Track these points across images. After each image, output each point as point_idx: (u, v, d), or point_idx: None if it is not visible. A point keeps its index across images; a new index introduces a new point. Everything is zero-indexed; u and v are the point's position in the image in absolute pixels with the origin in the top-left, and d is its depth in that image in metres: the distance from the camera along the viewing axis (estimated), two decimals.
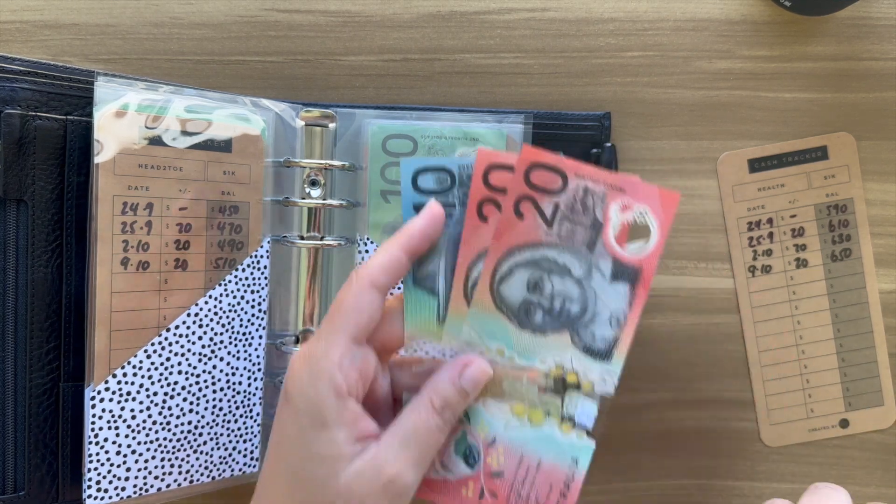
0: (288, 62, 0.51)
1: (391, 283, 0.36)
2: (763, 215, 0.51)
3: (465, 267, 0.37)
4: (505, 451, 0.38)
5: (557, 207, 0.36)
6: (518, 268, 0.37)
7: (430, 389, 0.36)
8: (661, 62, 0.51)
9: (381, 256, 0.35)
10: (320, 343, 0.35)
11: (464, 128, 0.48)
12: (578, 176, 0.36)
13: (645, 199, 0.36)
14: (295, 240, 0.47)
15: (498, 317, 0.37)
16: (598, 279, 0.36)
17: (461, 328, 0.37)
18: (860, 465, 0.52)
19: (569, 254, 0.36)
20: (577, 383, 0.37)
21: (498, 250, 0.36)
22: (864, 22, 0.50)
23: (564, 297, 0.37)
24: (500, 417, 0.38)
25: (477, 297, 0.37)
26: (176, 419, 0.45)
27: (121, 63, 0.50)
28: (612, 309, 0.36)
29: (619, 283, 0.36)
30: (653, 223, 0.36)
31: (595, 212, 0.36)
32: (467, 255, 0.37)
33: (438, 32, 0.51)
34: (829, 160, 0.51)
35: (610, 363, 0.37)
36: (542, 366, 0.37)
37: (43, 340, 0.43)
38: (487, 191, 0.36)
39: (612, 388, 0.37)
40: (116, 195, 0.42)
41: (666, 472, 0.52)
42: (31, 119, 0.42)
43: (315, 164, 0.47)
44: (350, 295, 0.35)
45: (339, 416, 0.34)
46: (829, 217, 0.51)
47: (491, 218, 0.36)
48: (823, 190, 0.51)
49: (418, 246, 0.36)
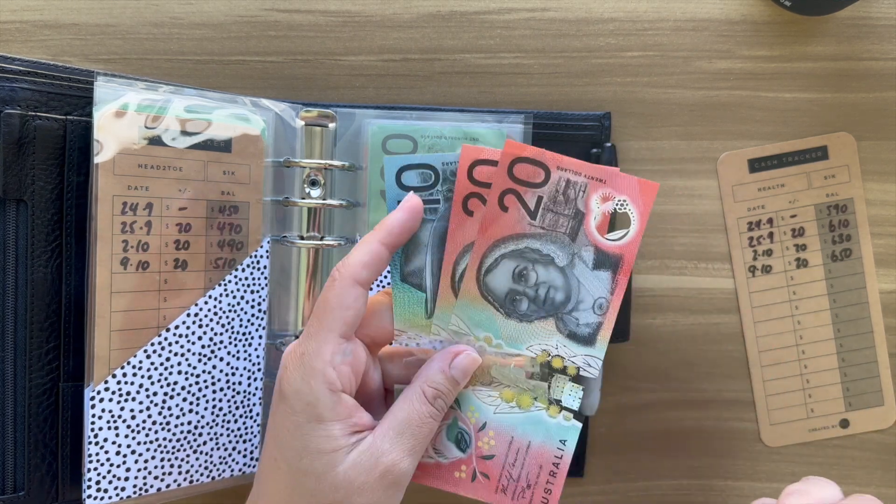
0: (288, 62, 0.51)
1: (373, 278, 0.36)
2: (763, 215, 0.51)
3: (452, 260, 0.38)
4: (495, 434, 0.39)
5: (541, 199, 0.37)
6: (503, 259, 0.38)
7: (422, 380, 0.37)
8: (662, 62, 0.51)
9: (361, 252, 0.36)
10: (311, 342, 0.36)
11: (464, 128, 0.48)
12: (560, 168, 0.37)
13: (625, 190, 0.37)
14: (295, 240, 0.47)
15: (485, 306, 0.38)
16: (581, 267, 0.38)
17: (449, 319, 0.38)
18: (860, 465, 0.52)
19: (552, 244, 0.38)
20: (562, 368, 0.38)
21: (484, 243, 0.37)
22: (864, 22, 0.50)
23: (549, 285, 0.38)
24: (489, 403, 0.39)
25: (464, 288, 0.38)
26: (176, 419, 0.45)
27: (121, 63, 0.50)
28: (594, 296, 0.38)
29: (602, 270, 0.38)
30: (633, 212, 0.37)
31: (577, 202, 0.37)
32: (454, 249, 0.38)
33: (438, 32, 0.51)
34: (829, 160, 0.51)
35: (594, 348, 0.38)
36: (528, 352, 0.38)
37: (43, 340, 0.43)
38: (472, 186, 0.37)
39: (596, 372, 0.38)
40: (116, 195, 0.42)
41: (666, 472, 0.52)
42: (30, 119, 0.42)
43: (315, 164, 0.47)
44: (334, 293, 0.36)
45: (334, 411, 0.35)
46: (830, 217, 0.51)
47: (476, 212, 0.37)
48: (823, 190, 0.51)
49: (398, 238, 0.37)
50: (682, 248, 0.52)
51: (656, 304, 0.52)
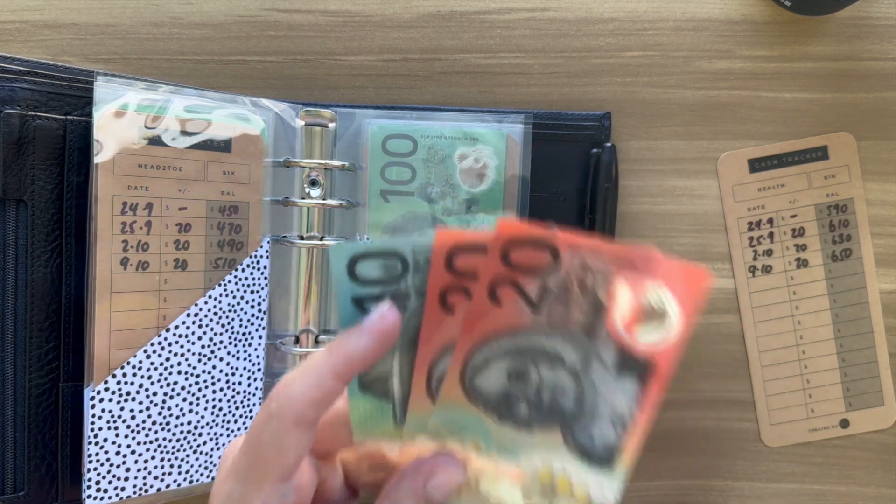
0: (288, 62, 0.51)
1: (320, 416, 0.29)
2: (763, 215, 0.51)
3: (427, 365, 0.30)
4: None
5: (546, 289, 0.29)
6: (496, 358, 0.30)
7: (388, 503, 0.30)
8: (662, 62, 0.51)
9: (308, 383, 0.28)
10: (238, 486, 0.29)
11: (464, 128, 0.48)
12: (574, 250, 0.28)
13: (664, 277, 0.28)
14: (295, 240, 0.47)
15: (471, 410, 0.30)
16: (600, 370, 0.29)
17: (425, 424, 0.31)
18: (860, 465, 0.52)
19: (561, 339, 0.29)
20: (569, 491, 0.31)
21: (468, 341, 0.29)
22: (864, 22, 0.50)
23: (554, 388, 0.30)
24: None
25: (444, 393, 0.30)
26: (175, 419, 0.45)
27: (121, 63, 0.50)
28: (615, 407, 0.30)
29: (626, 376, 0.29)
30: (673, 307, 0.28)
31: (596, 292, 0.29)
32: (429, 352, 0.30)
33: (438, 32, 0.51)
34: (829, 160, 0.51)
35: (611, 471, 0.30)
36: (526, 466, 0.31)
37: (42, 340, 0.43)
38: (452, 277, 0.28)
39: (612, 502, 0.30)
40: (116, 195, 0.42)
41: (666, 472, 0.52)
42: (30, 119, 0.42)
43: (315, 164, 0.47)
44: (270, 435, 0.28)
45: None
46: (830, 217, 0.51)
47: (458, 307, 0.29)
48: (824, 190, 0.51)
49: (358, 369, 0.29)
50: (682, 248, 0.52)
51: None
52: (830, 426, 0.52)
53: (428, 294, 0.29)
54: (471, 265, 0.28)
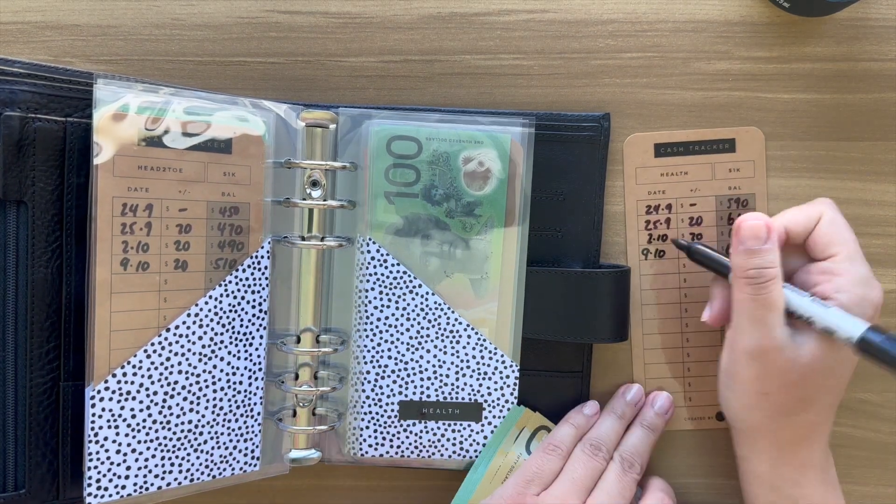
0: (289, 63, 0.51)
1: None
2: (663, 200, 0.51)
3: None
4: None
5: None
6: None
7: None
8: (660, 63, 0.51)
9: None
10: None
11: (468, 130, 0.48)
12: None
13: None
14: (296, 240, 0.48)
15: None
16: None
17: None
18: (859, 464, 0.52)
19: None
20: None
21: None
22: (862, 23, 0.51)
23: None
24: None
25: None
26: (176, 418, 0.45)
27: (122, 64, 0.50)
28: None
29: None
30: None
31: None
32: None
33: (438, 34, 0.51)
34: (735, 153, 0.51)
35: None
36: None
37: (43, 340, 0.43)
38: None
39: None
40: (116, 196, 0.42)
41: (666, 472, 0.52)
42: (30, 121, 0.42)
43: (316, 165, 0.47)
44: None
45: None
46: (730, 210, 0.51)
47: None
48: (727, 182, 0.51)
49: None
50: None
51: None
52: (706, 417, 0.52)
53: None
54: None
